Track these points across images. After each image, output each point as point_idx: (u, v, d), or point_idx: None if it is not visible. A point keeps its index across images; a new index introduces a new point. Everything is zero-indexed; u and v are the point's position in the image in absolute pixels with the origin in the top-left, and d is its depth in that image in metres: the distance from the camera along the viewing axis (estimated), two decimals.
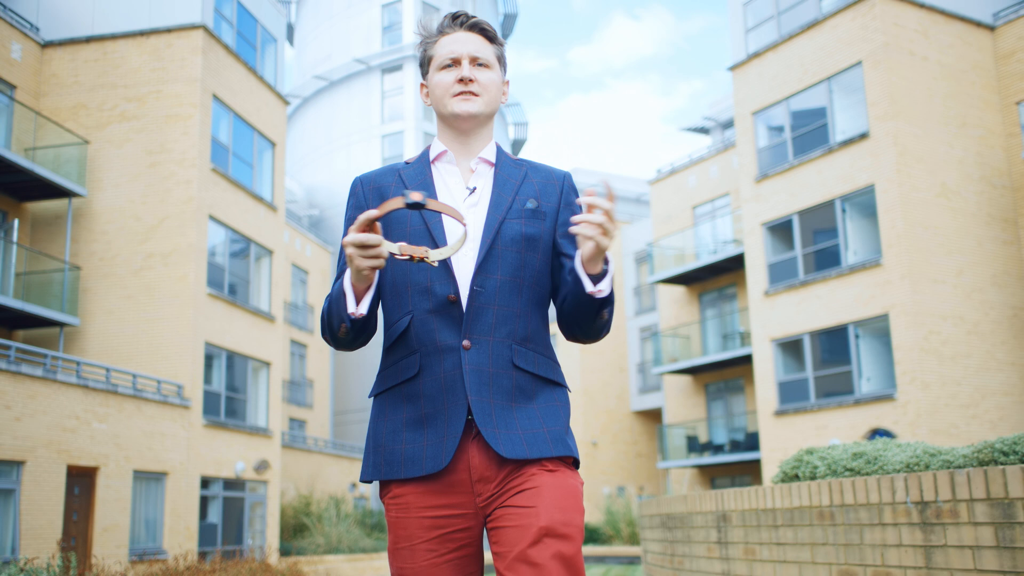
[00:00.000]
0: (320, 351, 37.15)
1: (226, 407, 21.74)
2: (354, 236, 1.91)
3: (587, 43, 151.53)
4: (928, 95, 21.66)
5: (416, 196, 1.88)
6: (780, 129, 23.95)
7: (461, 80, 2.18)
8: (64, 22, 21.88)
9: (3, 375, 14.72)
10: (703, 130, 34.48)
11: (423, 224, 2.12)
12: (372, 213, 1.90)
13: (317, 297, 37.23)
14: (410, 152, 38.08)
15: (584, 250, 1.96)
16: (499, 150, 2.27)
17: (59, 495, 15.61)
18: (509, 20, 45.45)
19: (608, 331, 2.16)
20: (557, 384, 2.14)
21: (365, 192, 2.22)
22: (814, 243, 22.74)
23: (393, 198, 1.93)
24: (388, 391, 2.14)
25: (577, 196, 2.26)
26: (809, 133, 23.02)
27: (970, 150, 21.94)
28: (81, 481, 16.57)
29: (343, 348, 2.15)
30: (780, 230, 23.78)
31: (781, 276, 23.41)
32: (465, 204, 2.16)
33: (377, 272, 2.04)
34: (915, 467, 4.15)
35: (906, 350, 20.15)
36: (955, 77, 22.23)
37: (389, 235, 2.14)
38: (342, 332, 2.08)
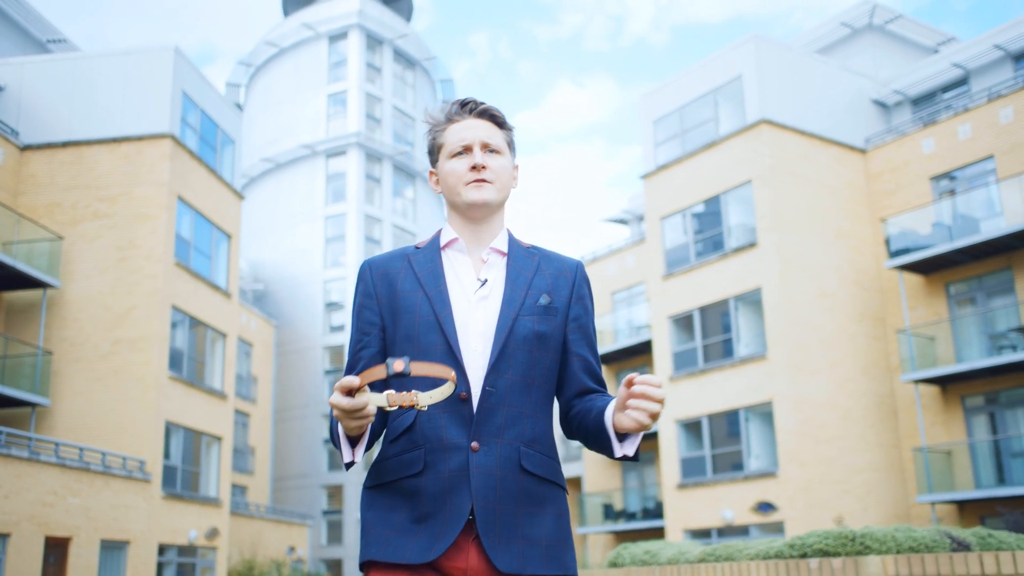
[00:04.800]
0: (262, 419, 39.10)
1: (182, 479, 23.81)
2: (340, 402, 1.86)
3: (535, 108, 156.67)
4: (808, 209, 25.02)
5: (398, 367, 1.83)
6: (684, 227, 27.14)
7: (474, 167, 2.17)
8: (42, 127, 24.16)
9: None
10: (623, 221, 37.81)
11: (433, 316, 2.10)
12: (353, 381, 1.84)
13: (260, 369, 39.28)
14: (352, 234, 40.68)
15: (625, 423, 1.98)
16: (511, 238, 2.25)
17: (37, 564, 17.63)
18: (447, 85, 48.61)
19: None
20: (559, 487, 2.12)
21: (374, 278, 2.20)
22: (713, 335, 25.81)
23: (376, 367, 1.86)
24: (386, 485, 2.09)
25: (589, 287, 2.27)
26: (708, 239, 26.23)
27: (844, 258, 25.30)
28: (56, 551, 18.58)
29: None
30: (683, 322, 26.83)
31: (684, 364, 26.40)
32: (475, 296, 2.14)
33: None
34: (674, 561, 6.79)
35: (787, 433, 23.16)
36: (832, 194, 25.67)
37: (398, 327, 2.14)
38: (347, 468, 2.06)
